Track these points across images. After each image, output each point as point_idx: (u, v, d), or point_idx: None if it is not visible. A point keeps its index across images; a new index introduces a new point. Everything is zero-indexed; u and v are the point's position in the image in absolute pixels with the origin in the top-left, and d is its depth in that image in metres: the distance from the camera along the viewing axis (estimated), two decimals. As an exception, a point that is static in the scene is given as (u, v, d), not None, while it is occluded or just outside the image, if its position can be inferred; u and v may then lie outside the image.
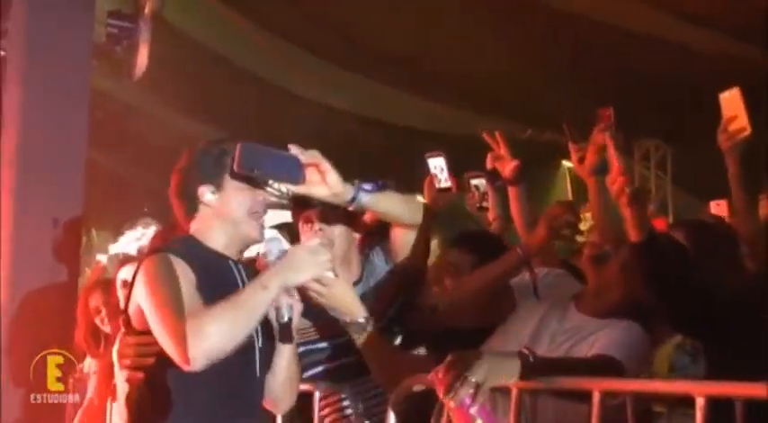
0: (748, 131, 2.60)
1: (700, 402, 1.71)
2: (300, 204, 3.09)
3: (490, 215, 4.04)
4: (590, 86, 7.93)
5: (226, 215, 2.57)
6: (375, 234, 3.24)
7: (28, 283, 4.65)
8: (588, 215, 3.91)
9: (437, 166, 3.68)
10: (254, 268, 2.82)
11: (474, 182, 4.14)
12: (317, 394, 3.06)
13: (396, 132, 8.94)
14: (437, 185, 3.69)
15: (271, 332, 2.54)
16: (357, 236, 3.15)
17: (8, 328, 4.65)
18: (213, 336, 2.26)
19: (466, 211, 4.31)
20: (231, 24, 7.38)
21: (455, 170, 3.70)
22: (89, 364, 4.97)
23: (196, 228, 2.60)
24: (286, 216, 3.89)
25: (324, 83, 8.09)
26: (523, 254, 2.86)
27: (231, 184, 2.56)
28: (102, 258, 6.40)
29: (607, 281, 2.61)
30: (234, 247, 2.62)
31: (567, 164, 9.23)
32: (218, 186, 2.56)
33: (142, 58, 5.82)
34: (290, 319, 2.44)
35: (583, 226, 3.59)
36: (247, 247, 2.73)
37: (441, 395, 2.10)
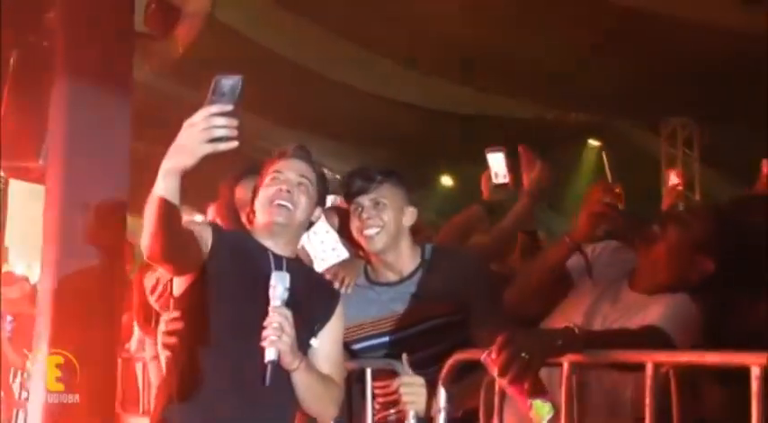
0: None
1: (755, 372, 1.75)
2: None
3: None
4: (617, 68, 7.99)
5: (257, 207, 2.75)
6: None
7: (74, 270, 4.71)
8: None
9: (496, 161, 3.65)
10: (301, 267, 2.88)
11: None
12: (368, 371, 3.08)
13: (424, 115, 9.01)
14: (494, 181, 3.65)
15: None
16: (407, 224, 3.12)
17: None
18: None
19: None
20: (268, 12, 7.43)
21: (482, 151, 3.68)
22: (137, 344, 5.12)
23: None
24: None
25: (362, 70, 8.15)
26: (571, 242, 2.86)
27: (263, 182, 2.76)
28: None
29: (656, 260, 2.66)
30: (272, 237, 2.74)
31: (593, 143, 9.32)
32: (257, 188, 2.78)
33: (175, 49, 5.88)
34: (273, 361, 2.48)
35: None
36: (280, 234, 2.76)
37: (496, 375, 2.15)
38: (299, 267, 2.79)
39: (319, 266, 3.57)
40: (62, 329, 4.43)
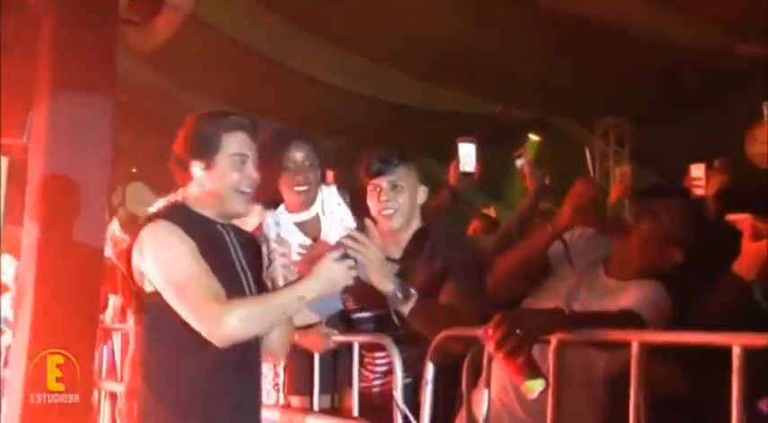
0: None
1: (736, 351, 1.85)
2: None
3: None
4: (557, 67, 8.32)
5: (214, 191, 2.70)
6: None
7: (56, 250, 4.80)
8: None
9: (467, 151, 3.90)
10: (243, 231, 2.95)
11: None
12: (356, 345, 3.29)
13: (376, 106, 9.22)
14: (462, 169, 3.90)
15: (263, 288, 2.76)
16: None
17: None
18: (242, 327, 2.50)
19: None
20: (236, 4, 7.52)
21: (428, 141, 3.96)
22: (113, 314, 5.24)
23: (188, 195, 2.76)
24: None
25: (323, 62, 8.29)
26: (553, 230, 2.99)
27: (221, 164, 2.68)
28: None
29: (629, 249, 2.83)
30: (222, 217, 2.77)
31: (533, 137, 9.64)
32: (209, 165, 2.69)
33: (153, 39, 5.93)
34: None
35: None
36: (233, 218, 2.84)
37: (491, 350, 2.25)
38: (242, 233, 2.90)
39: (327, 235, 3.74)
40: (45, 314, 4.56)
